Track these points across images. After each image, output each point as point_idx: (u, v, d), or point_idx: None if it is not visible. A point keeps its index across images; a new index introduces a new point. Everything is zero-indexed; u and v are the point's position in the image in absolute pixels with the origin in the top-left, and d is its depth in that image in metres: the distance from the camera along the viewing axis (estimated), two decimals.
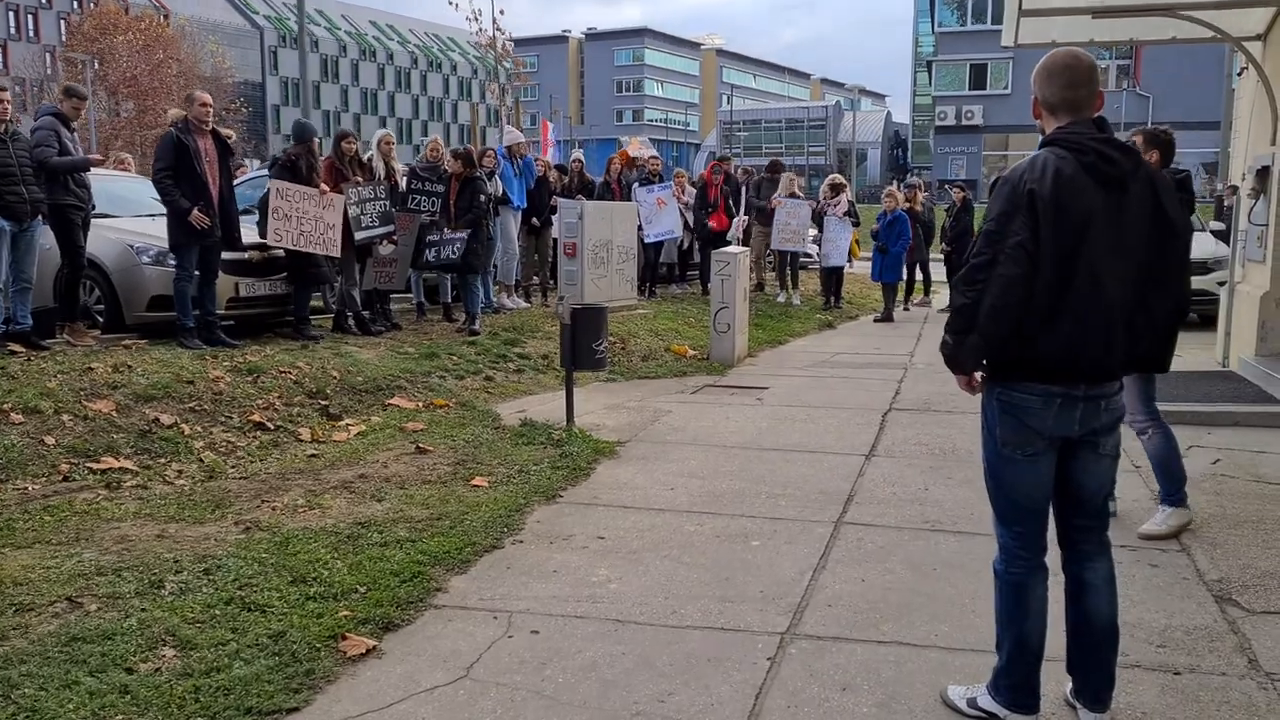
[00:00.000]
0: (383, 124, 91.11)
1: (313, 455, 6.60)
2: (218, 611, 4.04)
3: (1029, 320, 3.00)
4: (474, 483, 6.02)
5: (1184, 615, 4.18)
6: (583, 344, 7.42)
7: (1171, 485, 5.24)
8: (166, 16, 60.66)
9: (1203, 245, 12.94)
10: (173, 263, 8.25)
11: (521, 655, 3.85)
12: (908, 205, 14.89)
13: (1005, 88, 50.51)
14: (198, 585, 4.29)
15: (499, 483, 6.06)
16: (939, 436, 7.34)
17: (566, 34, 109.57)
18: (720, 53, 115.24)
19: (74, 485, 5.67)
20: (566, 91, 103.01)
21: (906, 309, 15.37)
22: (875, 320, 14.31)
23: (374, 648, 3.85)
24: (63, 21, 69.09)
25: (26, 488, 5.57)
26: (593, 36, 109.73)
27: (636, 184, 13.74)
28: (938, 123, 53.39)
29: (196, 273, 8.22)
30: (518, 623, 4.14)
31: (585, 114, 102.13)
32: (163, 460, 6.18)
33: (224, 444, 6.57)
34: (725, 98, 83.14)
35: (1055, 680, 3.41)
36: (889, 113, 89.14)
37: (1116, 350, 3.08)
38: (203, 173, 8.10)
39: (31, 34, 73.54)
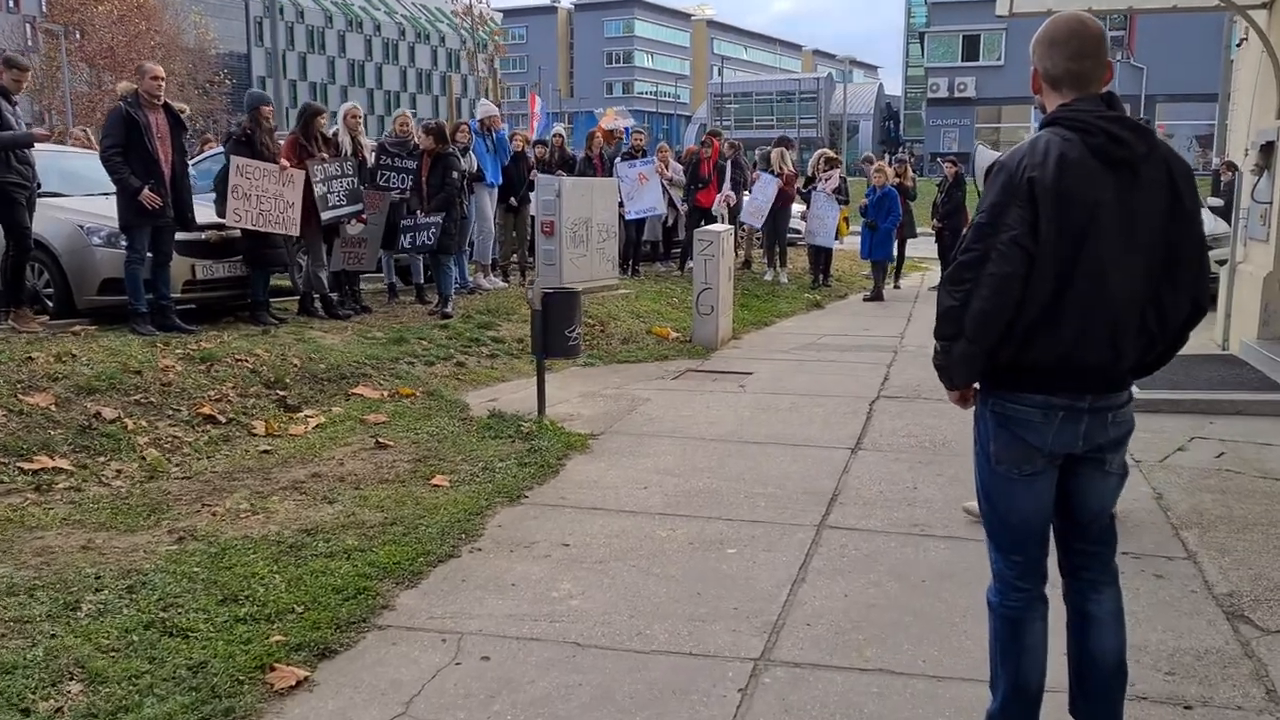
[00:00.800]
0: (370, 97, 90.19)
1: (265, 451, 6.21)
2: (136, 638, 3.67)
3: (1026, 323, 2.64)
4: (434, 482, 5.65)
5: (1194, 636, 3.85)
6: (555, 329, 7.04)
7: None
8: None
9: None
10: (125, 244, 7.82)
11: (468, 686, 3.50)
12: (897, 180, 14.48)
13: (998, 59, 49.89)
14: (118, 606, 3.92)
15: (461, 482, 5.70)
16: (929, 428, 6.99)
17: (555, 4, 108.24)
18: (711, 24, 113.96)
19: (0, 488, 5.29)
20: (555, 64, 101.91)
21: (896, 287, 14.99)
22: (865, 299, 13.92)
23: (306, 679, 3.49)
24: None
25: None
26: (581, 7, 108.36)
27: (618, 159, 13.29)
28: (930, 95, 52.77)
29: (149, 255, 7.80)
30: (468, 647, 3.78)
31: (574, 86, 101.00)
32: (101, 459, 5.78)
33: (169, 440, 6.18)
34: (716, 70, 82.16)
35: (1055, 718, 3.07)
36: (880, 84, 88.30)
37: (1126, 355, 2.71)
38: (154, 149, 7.66)
39: (11, 4, 72.31)
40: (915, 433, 6.87)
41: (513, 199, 11.95)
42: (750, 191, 14.26)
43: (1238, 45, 15.49)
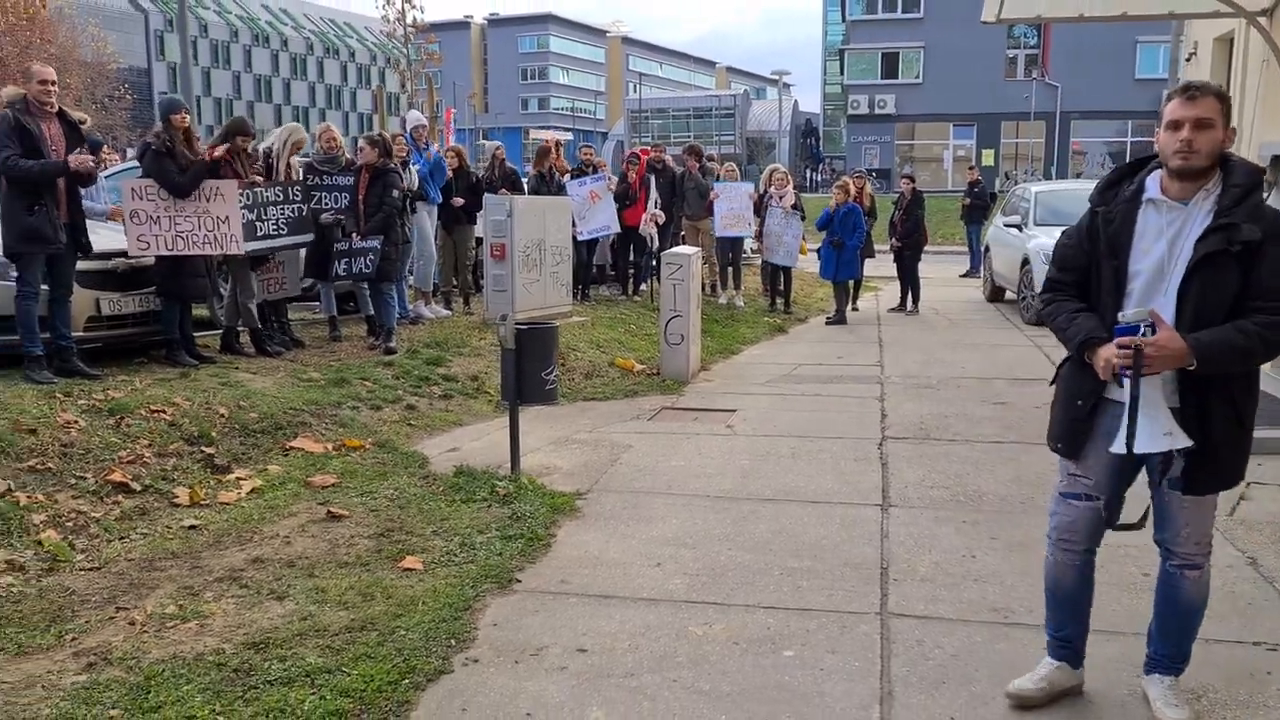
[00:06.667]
0: (277, 112, 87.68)
1: (192, 527, 5.15)
2: None
3: None
4: (404, 564, 4.67)
5: None
6: (530, 372, 6.10)
7: (1190, 645, 3.38)
8: None
9: None
10: (15, 275, 6.65)
11: None
12: (855, 197, 13.81)
13: (917, 77, 50.30)
14: None
15: (437, 562, 4.73)
16: (955, 476, 6.21)
17: (469, 20, 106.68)
18: (626, 40, 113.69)
19: None
20: (470, 79, 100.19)
21: (855, 308, 14.29)
22: (827, 323, 13.18)
23: None
24: None
25: None
26: (495, 23, 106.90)
27: (568, 176, 12.36)
28: (850, 111, 52.92)
29: (44, 287, 6.65)
30: None
31: (490, 102, 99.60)
32: None
33: (72, 517, 5.07)
34: (632, 86, 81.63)
35: None
36: (795, 101, 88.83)
37: None
38: None
39: None
40: (943, 483, 6.09)
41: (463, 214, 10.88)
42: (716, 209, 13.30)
43: (1186, 60, 15.20)
